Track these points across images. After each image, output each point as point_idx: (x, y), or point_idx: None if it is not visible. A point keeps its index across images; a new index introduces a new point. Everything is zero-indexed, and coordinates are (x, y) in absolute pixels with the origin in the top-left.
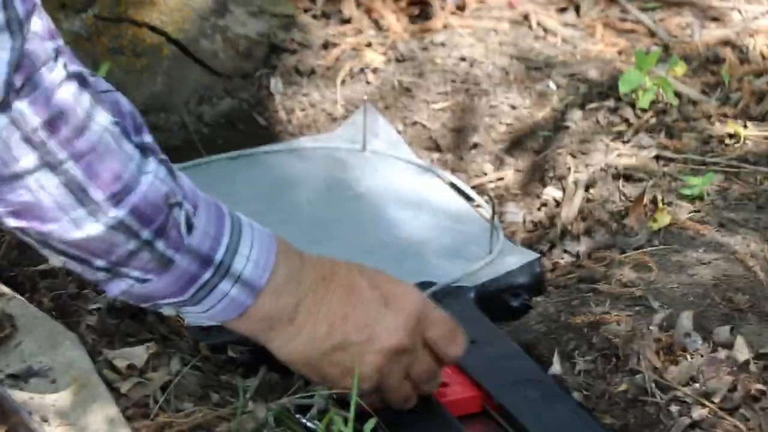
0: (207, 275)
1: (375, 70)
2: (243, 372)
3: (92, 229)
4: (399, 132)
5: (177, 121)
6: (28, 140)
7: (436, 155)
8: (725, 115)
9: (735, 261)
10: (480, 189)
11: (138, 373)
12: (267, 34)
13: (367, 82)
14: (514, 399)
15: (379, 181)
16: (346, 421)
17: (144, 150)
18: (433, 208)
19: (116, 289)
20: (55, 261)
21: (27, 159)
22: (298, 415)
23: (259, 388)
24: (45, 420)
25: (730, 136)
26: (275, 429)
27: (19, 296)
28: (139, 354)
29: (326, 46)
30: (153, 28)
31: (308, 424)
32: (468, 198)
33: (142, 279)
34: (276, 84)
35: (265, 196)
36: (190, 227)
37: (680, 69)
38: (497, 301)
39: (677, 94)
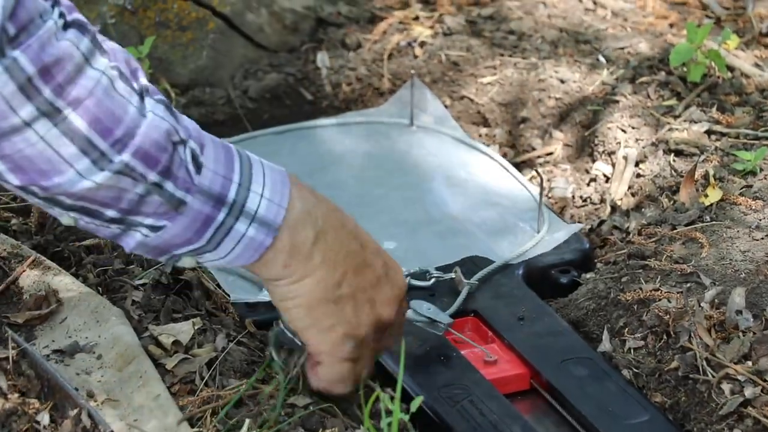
0: (221, 216)
1: (422, 44)
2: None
3: (98, 177)
4: (446, 106)
5: (222, 96)
6: (23, 90)
7: (483, 130)
8: None
9: None
10: (528, 164)
11: (183, 349)
12: (313, 7)
13: (415, 56)
14: (562, 377)
15: (426, 156)
16: (392, 398)
17: (141, 93)
18: (481, 184)
19: (132, 241)
20: (67, 220)
21: (24, 110)
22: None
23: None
24: (91, 396)
25: None
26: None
27: (64, 271)
28: (184, 330)
29: (373, 19)
30: (198, 2)
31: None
32: (515, 172)
33: (156, 226)
34: (322, 58)
35: (311, 171)
36: (198, 166)
37: (732, 42)
38: (546, 278)
39: (729, 68)
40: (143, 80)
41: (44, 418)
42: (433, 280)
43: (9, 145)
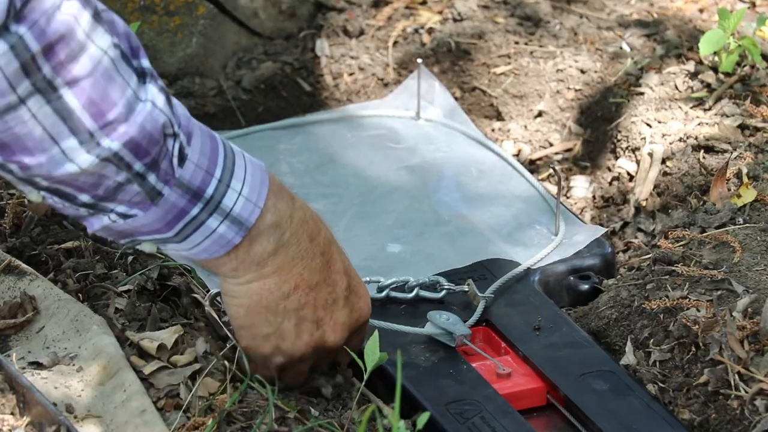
0: (195, 210)
1: (430, 31)
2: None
3: (83, 161)
4: (456, 98)
5: (213, 87)
6: (25, 67)
7: (497, 124)
8: None
9: None
10: (545, 161)
11: (168, 358)
12: None
13: (422, 44)
14: (581, 392)
15: (434, 152)
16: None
17: (142, 75)
18: (493, 182)
19: (97, 224)
20: (35, 197)
21: (21, 87)
22: None
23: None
24: (71, 411)
25: None
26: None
27: (41, 276)
28: (169, 338)
29: (377, 4)
30: None
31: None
32: (531, 170)
33: (126, 214)
34: (322, 46)
35: (310, 168)
36: (182, 158)
37: None
38: (564, 285)
39: (765, 57)
40: (144, 61)
41: None
42: (444, 292)
43: (1, 123)
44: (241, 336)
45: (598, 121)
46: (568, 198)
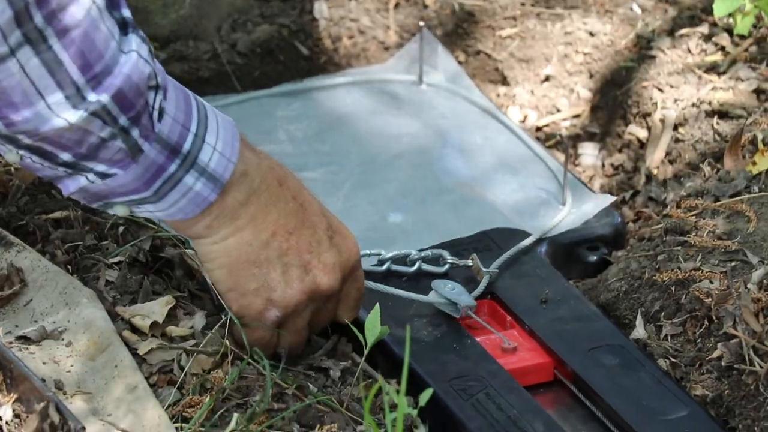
0: (173, 167)
1: None
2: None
3: (71, 116)
4: (460, 63)
5: (208, 51)
6: (18, 16)
7: (502, 89)
8: None
9: None
10: (553, 127)
11: (161, 333)
12: None
13: (425, 6)
14: (590, 367)
15: (437, 118)
16: (397, 390)
17: (124, 26)
18: (498, 149)
19: (73, 186)
20: (12, 157)
21: (13, 37)
22: None
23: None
24: (60, 388)
25: None
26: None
27: (29, 248)
28: (161, 311)
29: None
30: None
31: None
32: (538, 137)
33: (105, 173)
34: (320, 8)
35: (308, 136)
36: (161, 113)
37: None
38: (572, 256)
39: None
40: (125, 11)
41: (7, 413)
42: (447, 266)
43: None
44: (229, 299)
45: (608, 85)
46: (576, 166)
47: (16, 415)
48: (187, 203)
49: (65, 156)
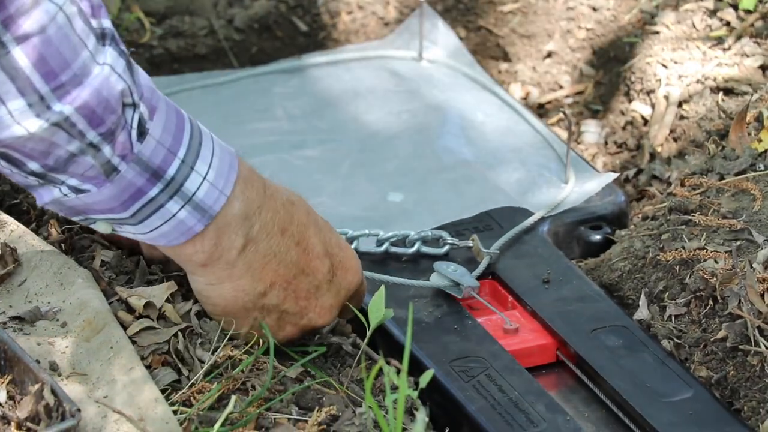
0: (154, 191)
1: None
2: None
3: (31, 124)
4: (461, 38)
5: (204, 26)
6: None
7: (504, 65)
8: None
9: None
10: (555, 104)
11: (158, 314)
12: None
13: None
14: (592, 348)
15: (438, 95)
16: (398, 372)
17: (101, 36)
18: (500, 127)
19: (47, 196)
20: None
21: None
22: None
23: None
24: (54, 369)
25: None
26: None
27: (23, 227)
28: (158, 293)
29: None
30: None
31: None
32: (540, 114)
33: (78, 188)
34: None
35: (306, 113)
36: (142, 133)
37: None
38: (574, 235)
39: None
40: (105, 21)
41: (1, 395)
42: (447, 247)
43: None
44: (220, 321)
45: (611, 62)
46: (578, 144)
47: (11, 397)
48: (170, 230)
49: (33, 165)
